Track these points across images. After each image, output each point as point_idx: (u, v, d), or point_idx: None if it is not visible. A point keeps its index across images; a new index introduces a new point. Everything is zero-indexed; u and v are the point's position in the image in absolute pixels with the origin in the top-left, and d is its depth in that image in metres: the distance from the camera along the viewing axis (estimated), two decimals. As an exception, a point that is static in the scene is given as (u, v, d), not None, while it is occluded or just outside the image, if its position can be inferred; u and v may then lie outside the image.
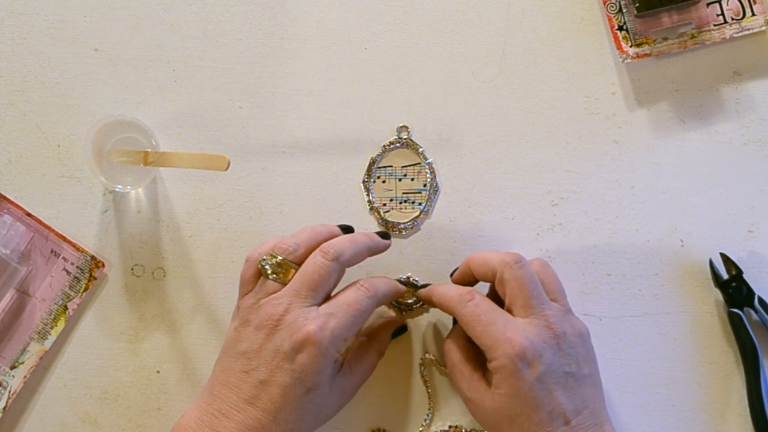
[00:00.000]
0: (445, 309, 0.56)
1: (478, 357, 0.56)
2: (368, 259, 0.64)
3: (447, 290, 0.56)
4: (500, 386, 0.52)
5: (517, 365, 0.51)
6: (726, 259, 0.62)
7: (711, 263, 0.62)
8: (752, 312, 0.61)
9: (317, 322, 0.52)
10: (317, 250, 0.55)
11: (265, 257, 0.55)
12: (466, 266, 0.58)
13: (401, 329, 0.62)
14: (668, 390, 0.62)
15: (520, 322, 0.53)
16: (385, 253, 0.64)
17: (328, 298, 0.55)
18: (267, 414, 0.51)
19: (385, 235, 0.60)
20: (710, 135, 0.64)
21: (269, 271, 0.54)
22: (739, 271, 0.61)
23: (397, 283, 0.59)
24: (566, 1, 0.64)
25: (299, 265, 0.55)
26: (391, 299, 0.59)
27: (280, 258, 0.54)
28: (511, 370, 0.51)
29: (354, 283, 0.56)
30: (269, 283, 0.54)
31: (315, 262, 0.54)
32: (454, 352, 0.56)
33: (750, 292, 0.61)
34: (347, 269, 0.56)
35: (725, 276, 0.62)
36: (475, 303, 0.53)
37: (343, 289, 0.56)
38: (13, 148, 0.64)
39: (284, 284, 0.54)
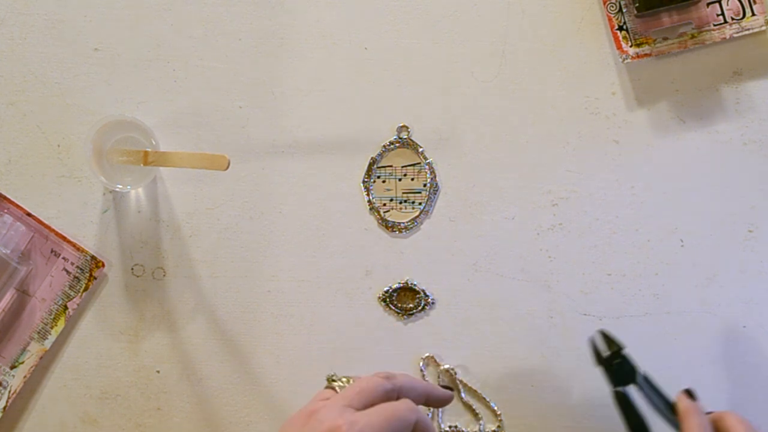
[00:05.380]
0: None
1: None
2: (368, 258, 0.64)
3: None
4: None
5: None
6: (606, 337, 0.57)
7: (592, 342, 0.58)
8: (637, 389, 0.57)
9: (348, 417, 0.50)
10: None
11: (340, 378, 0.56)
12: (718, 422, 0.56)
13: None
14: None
15: None
16: (384, 253, 0.64)
17: None
18: None
19: (447, 387, 0.58)
20: (710, 135, 0.64)
21: (332, 378, 0.55)
22: (620, 348, 0.57)
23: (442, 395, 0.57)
24: (566, 1, 0.64)
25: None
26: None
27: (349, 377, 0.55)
28: None
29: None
30: (326, 391, 0.55)
31: (371, 378, 0.54)
32: None
33: (632, 369, 0.57)
34: None
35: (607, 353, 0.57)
36: None
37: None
38: (13, 148, 0.64)
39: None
